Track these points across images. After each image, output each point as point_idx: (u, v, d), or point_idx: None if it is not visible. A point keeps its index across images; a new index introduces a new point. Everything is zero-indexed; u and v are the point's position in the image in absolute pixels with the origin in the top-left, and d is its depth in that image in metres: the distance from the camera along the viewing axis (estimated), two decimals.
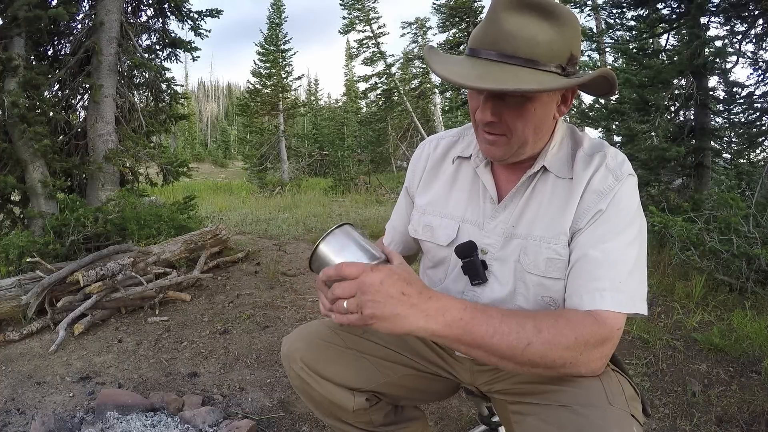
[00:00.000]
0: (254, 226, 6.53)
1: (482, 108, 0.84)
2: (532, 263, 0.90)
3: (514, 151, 0.88)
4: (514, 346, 0.75)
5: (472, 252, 0.95)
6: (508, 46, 0.78)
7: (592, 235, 0.85)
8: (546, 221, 0.90)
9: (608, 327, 0.79)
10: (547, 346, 0.76)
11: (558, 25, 0.78)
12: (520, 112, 0.83)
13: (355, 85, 24.32)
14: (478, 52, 0.81)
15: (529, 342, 0.75)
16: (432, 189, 1.06)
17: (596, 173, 0.88)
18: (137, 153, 4.62)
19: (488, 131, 0.87)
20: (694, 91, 4.45)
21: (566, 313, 0.82)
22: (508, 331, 0.75)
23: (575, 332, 0.77)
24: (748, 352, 2.26)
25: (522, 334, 0.76)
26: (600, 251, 0.83)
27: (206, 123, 46.21)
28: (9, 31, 3.74)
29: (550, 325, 0.77)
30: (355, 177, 14.01)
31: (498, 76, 0.76)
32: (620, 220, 0.85)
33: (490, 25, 0.80)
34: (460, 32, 15.71)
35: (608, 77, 0.82)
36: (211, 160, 29.89)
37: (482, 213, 0.97)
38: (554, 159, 0.92)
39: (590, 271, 0.83)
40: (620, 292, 0.81)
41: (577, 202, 0.87)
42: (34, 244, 3.25)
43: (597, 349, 0.79)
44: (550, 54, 0.78)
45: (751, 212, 3.26)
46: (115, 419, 1.76)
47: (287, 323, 2.89)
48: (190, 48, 5.32)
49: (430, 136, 1.17)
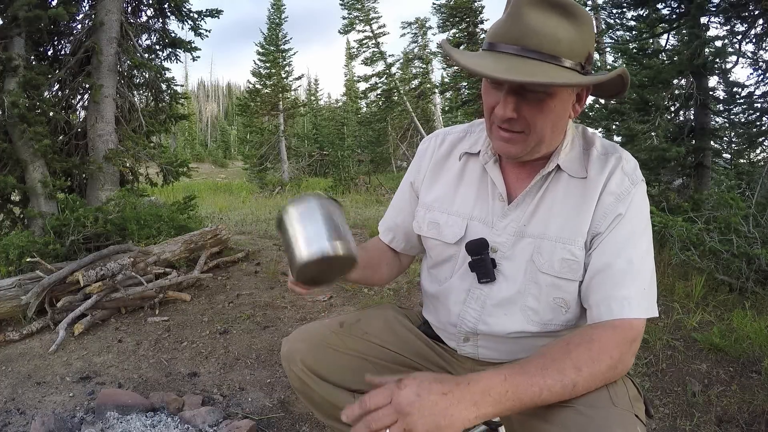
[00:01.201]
0: (254, 226, 6.53)
1: (503, 103, 0.83)
2: (547, 263, 0.90)
3: (530, 149, 0.88)
4: (562, 393, 0.77)
5: (483, 250, 0.94)
6: (532, 41, 0.78)
7: (615, 241, 0.86)
8: (561, 221, 0.90)
9: (636, 330, 0.83)
10: (590, 379, 0.78)
11: (578, 24, 0.80)
12: (540, 107, 0.83)
13: (355, 85, 24.30)
14: (499, 47, 0.81)
15: (574, 384, 0.77)
16: (437, 185, 1.05)
17: (613, 175, 0.88)
18: (137, 153, 4.62)
19: (506, 128, 0.86)
20: (694, 91, 4.45)
21: (597, 335, 0.82)
22: (552, 383, 0.76)
23: (609, 353, 0.80)
24: (748, 352, 2.26)
25: (566, 380, 0.76)
26: (625, 260, 0.85)
27: (206, 123, 46.20)
28: (9, 31, 3.74)
29: (586, 359, 0.78)
30: (355, 177, 14.00)
31: (525, 69, 0.77)
32: (638, 226, 0.87)
33: (512, 21, 0.80)
34: (460, 32, 15.68)
35: (624, 77, 0.84)
36: (211, 160, 29.85)
37: (491, 211, 0.97)
38: (568, 158, 0.92)
39: (617, 281, 0.84)
40: (645, 299, 0.84)
41: (595, 202, 0.88)
42: (34, 244, 3.25)
43: (628, 353, 0.83)
44: (571, 52, 0.80)
45: (751, 212, 3.26)
46: (115, 419, 1.76)
47: (287, 323, 2.89)
48: (190, 48, 5.32)
49: (434, 131, 1.15)
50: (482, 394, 0.72)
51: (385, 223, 1.19)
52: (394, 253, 1.19)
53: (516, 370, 0.76)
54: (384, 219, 1.19)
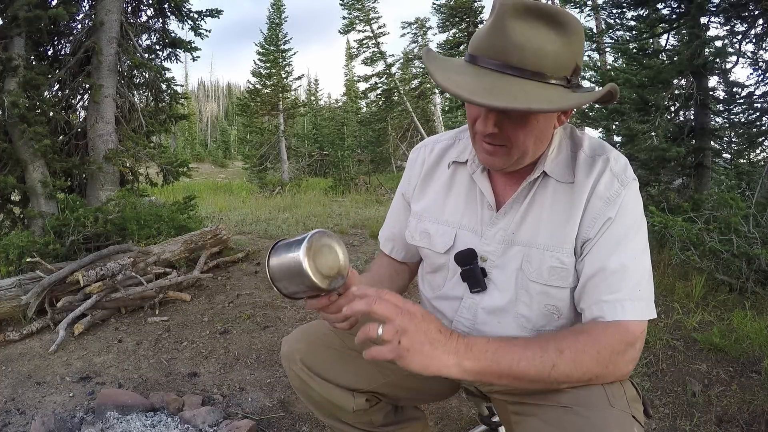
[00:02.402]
0: (254, 226, 6.52)
1: (484, 119, 0.81)
2: (536, 272, 0.89)
3: (514, 161, 0.87)
4: (540, 369, 0.77)
5: (472, 260, 0.94)
6: (515, 57, 0.74)
7: (605, 245, 0.84)
8: (550, 229, 0.89)
9: (631, 333, 0.81)
10: (572, 365, 0.77)
11: (566, 35, 0.76)
12: (523, 124, 0.81)
13: (355, 85, 24.31)
14: (482, 61, 0.78)
15: (554, 364, 0.77)
16: (427, 195, 1.05)
17: (601, 178, 0.86)
18: (137, 153, 4.62)
19: (488, 141, 0.85)
20: (694, 91, 4.44)
21: (587, 328, 0.82)
22: (532, 356, 0.77)
23: (597, 347, 0.79)
24: (748, 352, 2.26)
25: (546, 357, 0.77)
26: (616, 262, 0.83)
27: (206, 123, 46.19)
28: (9, 31, 3.74)
29: (571, 344, 0.78)
30: (355, 177, 14.01)
31: (506, 90, 0.73)
32: (630, 228, 0.85)
33: (495, 33, 0.76)
34: (460, 32, 15.70)
35: (614, 92, 0.80)
36: (211, 160, 29.85)
37: (480, 220, 0.96)
38: (554, 164, 0.90)
39: (609, 284, 0.83)
40: (639, 300, 0.82)
41: (583, 208, 0.86)
42: (34, 244, 3.25)
43: (623, 357, 0.81)
44: (556, 66, 0.76)
45: (751, 212, 3.25)
46: (115, 419, 1.76)
47: (287, 323, 2.89)
48: (190, 48, 5.32)
49: (426, 138, 1.15)
50: (465, 346, 0.76)
51: (384, 233, 1.19)
52: (398, 263, 1.18)
53: (503, 339, 0.80)
54: (382, 229, 1.20)
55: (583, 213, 0.86)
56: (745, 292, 2.97)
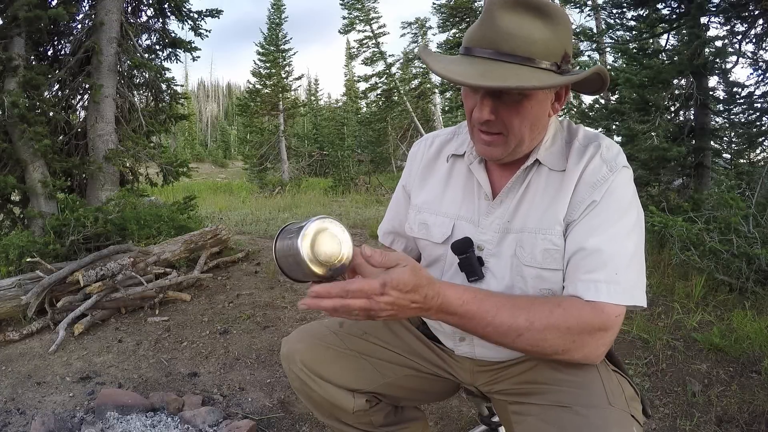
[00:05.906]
0: (254, 226, 6.53)
1: (480, 106, 0.84)
2: (529, 255, 0.90)
3: (511, 150, 0.88)
4: (506, 334, 0.79)
5: (468, 248, 0.94)
6: (506, 44, 0.78)
7: (588, 226, 0.85)
8: (540, 212, 0.90)
9: (605, 315, 0.80)
10: (538, 335, 0.79)
11: (553, 24, 0.80)
12: (517, 109, 0.83)
13: (355, 85, 24.32)
14: (475, 51, 0.82)
15: (519, 333, 0.79)
16: (427, 187, 1.07)
17: (590, 163, 0.88)
18: (137, 153, 4.62)
19: (485, 130, 0.87)
20: (694, 91, 4.44)
21: (565, 302, 0.82)
22: (499, 324, 0.79)
23: (568, 322, 0.79)
24: (748, 352, 2.26)
25: (514, 324, 0.79)
26: (595, 243, 0.83)
27: (206, 123, 46.16)
28: (9, 31, 3.74)
29: (544, 317, 0.79)
30: (355, 177, 14.02)
31: (498, 73, 0.77)
32: (615, 211, 0.85)
33: (485, 24, 0.80)
34: (460, 32, 15.67)
35: (601, 74, 0.84)
36: (211, 160, 29.85)
37: (477, 210, 0.98)
38: (547, 153, 0.92)
39: (587, 263, 0.83)
40: (617, 283, 0.81)
41: (571, 192, 0.87)
42: (34, 244, 3.25)
43: (593, 337, 0.80)
44: (546, 52, 0.80)
45: (751, 212, 3.25)
46: (115, 419, 1.76)
47: (287, 323, 2.89)
48: (190, 48, 5.33)
49: (426, 134, 1.17)
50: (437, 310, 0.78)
51: (384, 227, 1.20)
52: None
53: (476, 301, 0.79)
54: (382, 224, 1.21)
55: (571, 196, 0.87)
56: (745, 292, 2.97)
